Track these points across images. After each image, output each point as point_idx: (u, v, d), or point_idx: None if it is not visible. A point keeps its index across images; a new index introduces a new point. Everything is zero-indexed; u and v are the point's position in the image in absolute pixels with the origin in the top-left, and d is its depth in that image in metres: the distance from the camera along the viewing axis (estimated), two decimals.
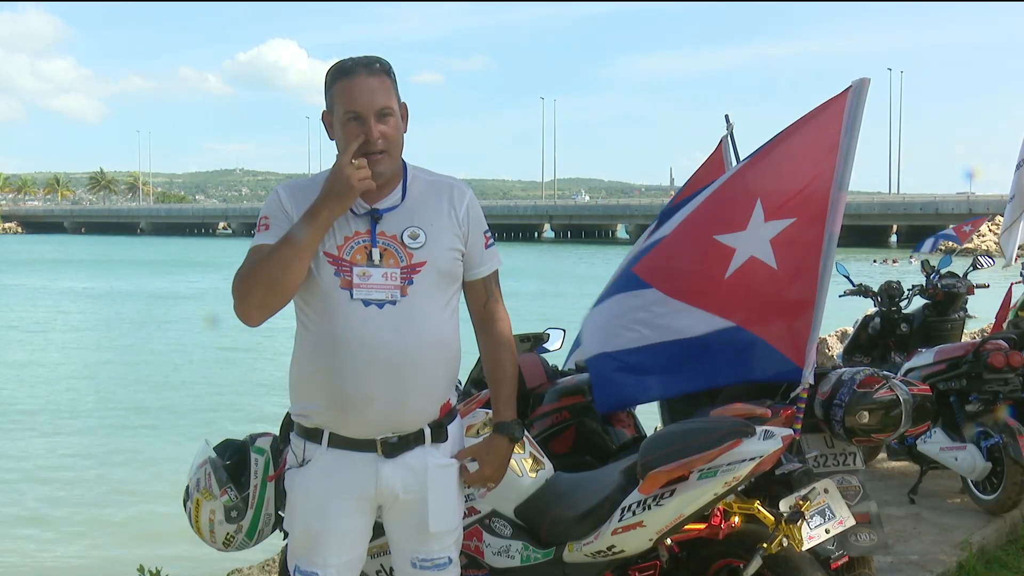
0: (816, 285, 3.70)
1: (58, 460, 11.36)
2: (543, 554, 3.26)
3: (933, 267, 7.23)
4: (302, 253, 2.49)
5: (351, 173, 2.48)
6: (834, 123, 3.73)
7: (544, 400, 4.38)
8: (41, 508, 9.51)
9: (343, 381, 2.56)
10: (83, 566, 7.90)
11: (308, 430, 2.66)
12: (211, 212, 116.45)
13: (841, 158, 3.69)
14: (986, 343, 5.79)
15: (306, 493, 2.65)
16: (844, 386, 3.75)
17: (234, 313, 2.54)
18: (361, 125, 2.54)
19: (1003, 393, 5.67)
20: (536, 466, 3.38)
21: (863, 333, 7.29)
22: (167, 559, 5.63)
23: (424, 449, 2.66)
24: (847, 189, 3.69)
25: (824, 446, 3.95)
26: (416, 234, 2.61)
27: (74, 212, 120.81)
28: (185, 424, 12.75)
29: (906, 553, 4.99)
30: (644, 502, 3.02)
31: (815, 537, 3.31)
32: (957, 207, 55.01)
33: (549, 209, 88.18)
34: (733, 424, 3.02)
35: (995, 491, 5.58)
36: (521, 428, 2.81)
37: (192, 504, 3.19)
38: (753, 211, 3.80)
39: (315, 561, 2.66)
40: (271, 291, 2.49)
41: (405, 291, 2.58)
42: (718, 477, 2.95)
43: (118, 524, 8.91)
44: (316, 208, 2.50)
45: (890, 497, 5.96)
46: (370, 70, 2.57)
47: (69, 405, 14.55)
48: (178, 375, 16.94)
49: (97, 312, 28.61)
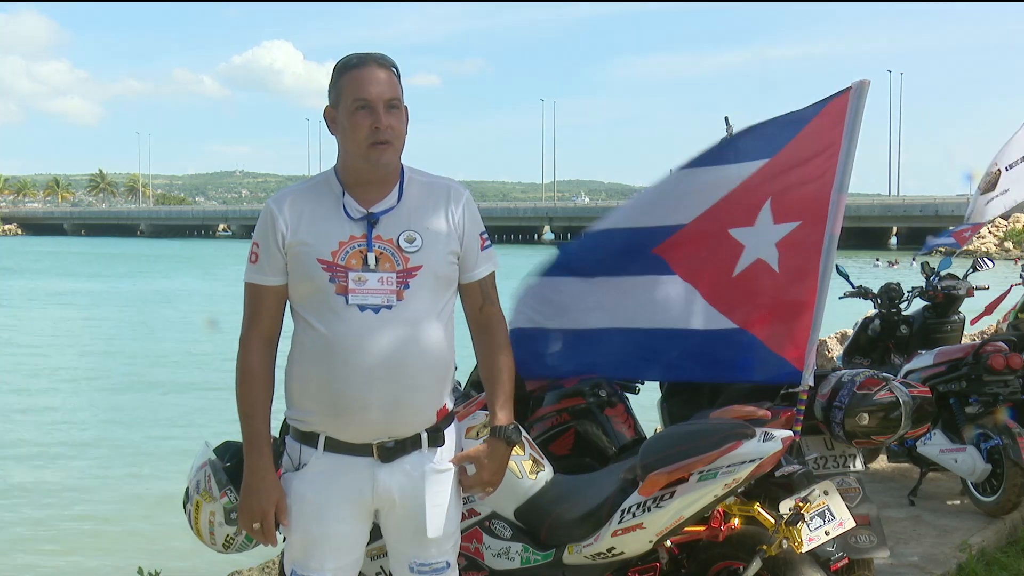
0: (816, 287, 3.71)
1: (58, 460, 11.37)
2: (543, 556, 3.26)
3: (933, 269, 7.23)
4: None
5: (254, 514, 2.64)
6: (835, 126, 3.73)
7: (544, 402, 4.38)
8: (41, 509, 9.51)
9: (339, 386, 2.55)
10: (83, 567, 7.90)
11: (304, 434, 2.66)
12: (211, 214, 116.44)
13: (841, 160, 3.69)
14: (986, 345, 5.79)
15: (302, 498, 2.64)
16: (844, 388, 3.76)
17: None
18: (370, 114, 2.54)
19: (1003, 395, 5.66)
20: (536, 468, 3.38)
21: (863, 335, 7.29)
22: (167, 561, 5.63)
23: (421, 454, 2.65)
24: (847, 191, 3.70)
25: (824, 448, 3.95)
26: (412, 238, 2.60)
27: (74, 214, 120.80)
28: (185, 425, 12.75)
29: (906, 555, 4.98)
30: (644, 504, 3.02)
31: (815, 539, 3.32)
32: (957, 209, 54.87)
33: (549, 211, 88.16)
34: (733, 426, 3.02)
35: (995, 493, 5.58)
36: (519, 432, 2.80)
37: (192, 506, 3.18)
38: (762, 209, 3.80)
39: (312, 565, 2.65)
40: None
41: (401, 295, 2.57)
42: (718, 479, 2.95)
43: (118, 525, 8.91)
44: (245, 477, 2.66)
45: (890, 499, 5.96)
46: (380, 63, 2.59)
47: (69, 406, 14.56)
48: (178, 376, 16.94)
49: (98, 312, 28.59)
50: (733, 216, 3.87)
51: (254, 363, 2.63)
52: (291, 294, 2.64)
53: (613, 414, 4.40)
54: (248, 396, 2.63)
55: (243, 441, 2.67)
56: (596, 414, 4.35)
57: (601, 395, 4.38)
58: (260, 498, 2.61)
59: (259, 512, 2.62)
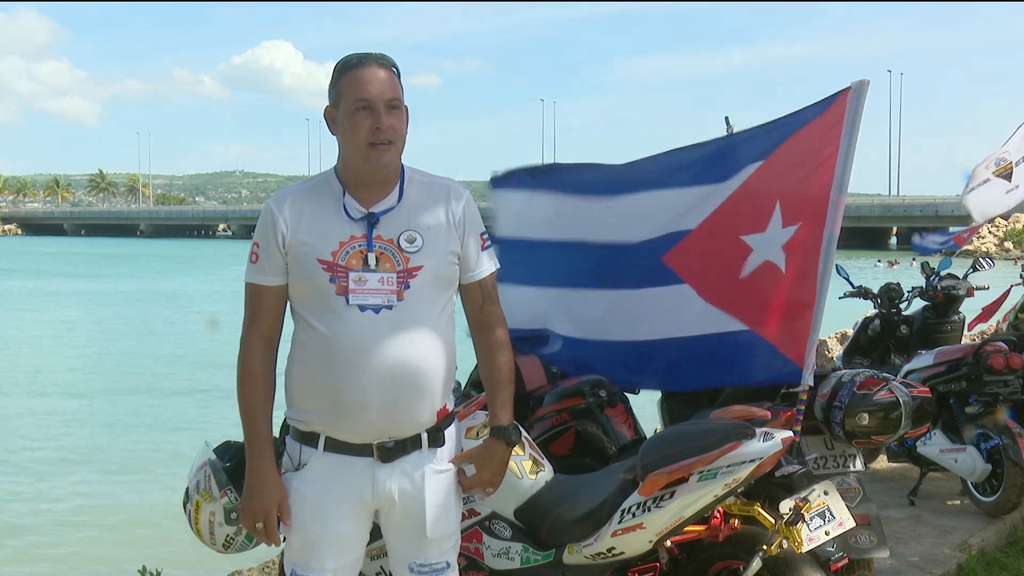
0: (816, 287, 3.71)
1: (58, 461, 11.37)
2: (543, 556, 3.26)
3: (933, 269, 7.23)
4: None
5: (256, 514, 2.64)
6: (835, 125, 3.73)
7: (544, 402, 4.39)
8: (42, 509, 9.52)
9: (339, 387, 2.55)
10: (84, 567, 7.91)
11: (304, 434, 2.65)
12: (211, 214, 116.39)
13: (841, 160, 3.70)
14: (986, 345, 5.79)
15: (302, 498, 2.64)
16: (844, 388, 3.76)
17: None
18: (371, 114, 2.54)
19: (1003, 395, 5.66)
20: (536, 468, 3.38)
21: (863, 335, 7.29)
22: (168, 560, 5.62)
23: (421, 454, 2.65)
24: (847, 191, 3.70)
25: (824, 448, 3.95)
26: (413, 238, 2.60)
27: (74, 214, 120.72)
28: (185, 425, 12.75)
29: (906, 555, 4.98)
30: (644, 504, 3.02)
31: (815, 539, 3.32)
32: (957, 209, 54.70)
33: None
34: (733, 426, 3.02)
35: (995, 493, 5.58)
36: (518, 432, 2.80)
37: (192, 506, 3.18)
38: (773, 214, 3.81)
39: (312, 565, 2.65)
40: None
41: (402, 296, 2.56)
42: (718, 479, 2.95)
43: (119, 525, 8.91)
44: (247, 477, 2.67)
45: (890, 499, 5.96)
46: (381, 63, 2.58)
47: (69, 406, 14.56)
48: (178, 376, 16.94)
49: (98, 313, 28.60)
50: (743, 222, 3.88)
51: (254, 363, 2.63)
52: (291, 294, 2.64)
53: (613, 414, 4.40)
54: (249, 396, 2.63)
55: (244, 441, 2.67)
56: (596, 414, 4.35)
57: (601, 395, 4.38)
58: (262, 498, 2.61)
59: (261, 512, 2.62)
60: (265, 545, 2.78)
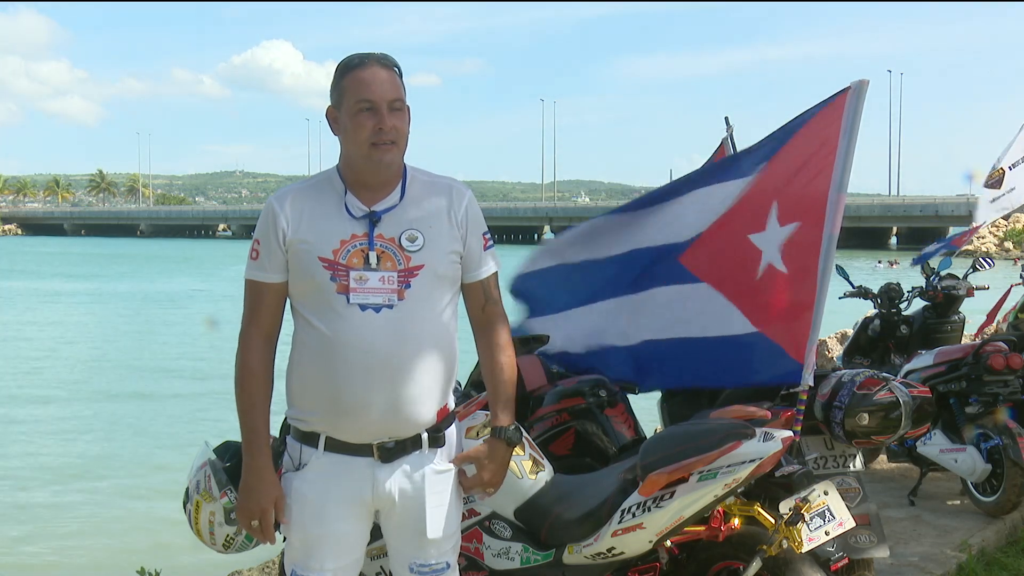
0: (816, 287, 3.71)
1: (58, 461, 11.37)
2: (543, 556, 3.26)
3: (933, 269, 7.23)
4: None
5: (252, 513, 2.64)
6: (834, 125, 3.74)
7: (544, 402, 4.38)
8: (42, 509, 9.52)
9: (340, 386, 2.55)
10: (84, 567, 7.91)
11: (304, 434, 2.65)
12: (211, 214, 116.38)
13: (840, 159, 3.70)
14: (986, 345, 5.79)
15: (303, 498, 2.63)
16: (844, 388, 3.76)
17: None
18: (373, 115, 2.53)
19: (1003, 395, 5.67)
20: (536, 468, 3.37)
21: (863, 335, 7.29)
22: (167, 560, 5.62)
23: (422, 454, 2.64)
24: (846, 191, 3.71)
25: (824, 448, 3.95)
26: (414, 236, 2.59)
27: (74, 214, 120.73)
28: (185, 425, 12.75)
29: (906, 555, 4.99)
30: (644, 504, 3.02)
31: (815, 539, 3.32)
32: (957, 209, 54.93)
33: (549, 211, 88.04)
34: (733, 426, 3.02)
35: (995, 493, 5.58)
36: (519, 432, 2.79)
37: (192, 506, 3.18)
38: (770, 212, 3.83)
39: (312, 565, 2.64)
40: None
41: (403, 295, 2.56)
42: (718, 479, 2.95)
43: (118, 525, 8.91)
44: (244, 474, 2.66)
45: (890, 499, 5.96)
46: (383, 63, 2.58)
47: (69, 406, 14.56)
48: (178, 376, 16.93)
49: (98, 313, 28.60)
50: (747, 222, 3.92)
51: (253, 361, 2.63)
52: (291, 292, 2.63)
53: (613, 414, 4.40)
54: (247, 394, 2.63)
55: (242, 439, 2.67)
56: (596, 414, 4.35)
57: (601, 395, 4.38)
58: (259, 496, 2.61)
59: (257, 510, 2.62)
60: (264, 545, 2.78)
